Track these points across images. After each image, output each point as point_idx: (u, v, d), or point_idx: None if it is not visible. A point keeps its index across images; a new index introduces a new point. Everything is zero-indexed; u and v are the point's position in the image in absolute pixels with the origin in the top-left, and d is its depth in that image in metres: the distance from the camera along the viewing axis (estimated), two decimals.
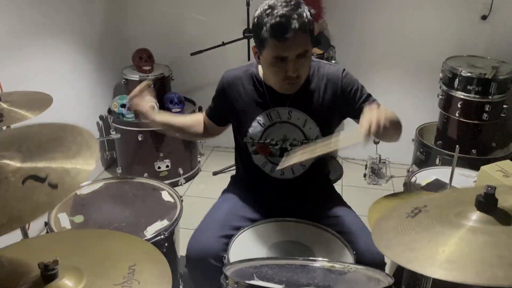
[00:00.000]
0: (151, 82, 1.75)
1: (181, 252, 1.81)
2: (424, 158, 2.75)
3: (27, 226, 1.64)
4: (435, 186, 1.99)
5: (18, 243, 1.17)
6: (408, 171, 2.61)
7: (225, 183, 1.84)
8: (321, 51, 2.84)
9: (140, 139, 2.89)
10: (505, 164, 1.86)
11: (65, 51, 2.72)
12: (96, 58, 3.04)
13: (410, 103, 3.08)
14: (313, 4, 2.89)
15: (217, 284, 1.22)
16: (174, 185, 3.01)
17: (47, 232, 1.66)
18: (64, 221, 1.70)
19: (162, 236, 1.64)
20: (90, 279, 0.95)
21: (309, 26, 1.40)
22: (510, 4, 2.74)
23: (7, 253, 1.08)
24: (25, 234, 1.48)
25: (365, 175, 3.14)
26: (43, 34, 2.50)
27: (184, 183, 3.11)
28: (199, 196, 2.94)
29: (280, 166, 1.45)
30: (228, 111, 1.67)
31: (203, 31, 3.18)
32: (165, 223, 1.71)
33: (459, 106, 2.58)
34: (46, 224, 1.67)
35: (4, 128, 1.94)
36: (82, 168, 1.05)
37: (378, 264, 1.45)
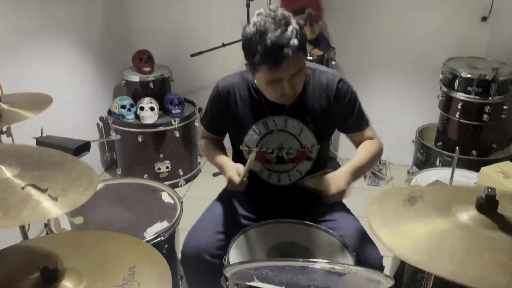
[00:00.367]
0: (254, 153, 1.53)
1: (181, 253, 1.80)
2: (424, 159, 2.74)
3: (27, 227, 1.64)
4: None
5: (18, 244, 1.16)
6: (408, 172, 2.61)
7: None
8: (320, 53, 2.84)
9: (140, 140, 2.89)
10: (505, 165, 1.87)
11: (65, 52, 2.72)
12: (96, 59, 3.04)
13: (410, 104, 3.08)
14: (313, 5, 2.90)
15: (212, 280, 1.21)
16: (174, 186, 3.01)
17: (47, 233, 1.66)
18: (64, 222, 1.69)
19: (162, 238, 1.64)
20: (90, 280, 0.95)
21: (301, 44, 1.36)
22: (510, 5, 2.74)
23: (7, 254, 1.08)
24: (25, 236, 1.48)
25: (365, 177, 3.14)
26: (43, 35, 2.50)
27: (184, 184, 3.11)
28: (199, 197, 2.94)
29: None
30: (225, 119, 1.64)
31: (203, 32, 3.18)
32: (165, 224, 1.71)
33: (459, 107, 2.58)
34: (46, 225, 1.67)
35: (4, 129, 1.94)
36: (83, 190, 1.05)
37: (378, 269, 1.44)
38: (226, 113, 1.62)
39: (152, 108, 2.90)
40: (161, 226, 1.70)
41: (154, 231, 1.66)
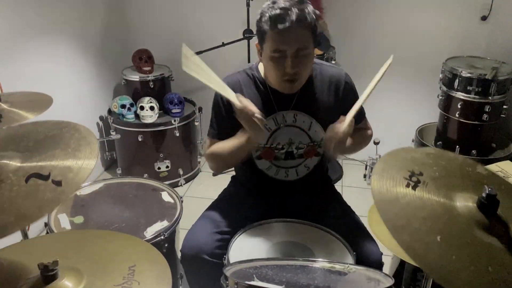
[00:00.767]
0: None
1: (180, 253, 1.80)
2: None
3: (27, 226, 1.64)
4: None
5: (18, 243, 1.16)
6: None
7: (225, 183, 1.84)
8: (321, 52, 2.84)
9: (140, 139, 2.89)
10: (505, 164, 1.87)
11: (65, 51, 2.72)
12: (96, 59, 3.04)
13: (410, 103, 3.08)
14: (313, 4, 2.89)
15: (211, 279, 1.21)
16: (174, 185, 3.01)
17: (47, 232, 1.66)
18: (64, 221, 1.69)
19: (162, 237, 1.64)
20: (90, 279, 0.95)
21: (310, 23, 1.41)
22: (510, 4, 2.74)
23: (7, 253, 1.08)
24: (25, 235, 1.48)
25: (365, 176, 3.14)
26: (43, 34, 2.50)
27: (184, 184, 3.11)
28: (199, 197, 2.94)
29: None
30: (233, 119, 1.46)
31: (203, 31, 3.18)
32: (165, 223, 1.71)
33: (459, 106, 2.58)
34: (46, 224, 1.67)
35: (4, 129, 1.94)
36: (84, 163, 1.05)
37: (377, 265, 1.45)
38: (233, 111, 1.53)
39: (152, 108, 2.90)
40: (161, 225, 1.70)
41: (154, 231, 1.66)
